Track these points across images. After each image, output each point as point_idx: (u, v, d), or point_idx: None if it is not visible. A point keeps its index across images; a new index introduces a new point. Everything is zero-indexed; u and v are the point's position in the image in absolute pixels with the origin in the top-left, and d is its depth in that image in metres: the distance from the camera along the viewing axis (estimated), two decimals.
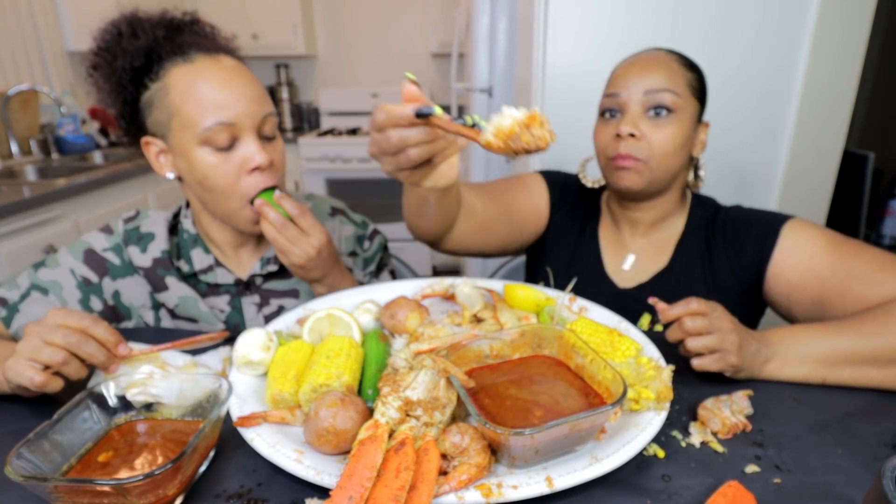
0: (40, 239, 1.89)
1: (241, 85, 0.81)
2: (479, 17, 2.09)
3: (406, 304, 0.74)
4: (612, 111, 0.91)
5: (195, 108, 0.79)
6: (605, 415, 0.51)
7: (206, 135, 0.79)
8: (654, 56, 0.91)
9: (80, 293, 0.89)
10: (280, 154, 0.88)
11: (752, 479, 0.53)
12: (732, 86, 1.44)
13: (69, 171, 2.33)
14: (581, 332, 0.69)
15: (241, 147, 0.82)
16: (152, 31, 0.81)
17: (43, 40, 2.69)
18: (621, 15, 1.40)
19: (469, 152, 2.40)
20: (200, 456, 0.52)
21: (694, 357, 0.67)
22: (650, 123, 0.87)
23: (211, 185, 0.82)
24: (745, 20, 1.38)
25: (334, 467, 0.51)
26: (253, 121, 0.82)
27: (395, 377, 0.57)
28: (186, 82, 0.79)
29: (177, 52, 0.81)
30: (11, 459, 0.46)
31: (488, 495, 0.47)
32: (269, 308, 0.98)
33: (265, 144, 0.85)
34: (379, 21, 3.78)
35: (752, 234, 0.90)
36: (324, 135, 3.48)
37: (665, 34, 1.40)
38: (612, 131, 0.90)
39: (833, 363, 0.69)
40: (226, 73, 0.81)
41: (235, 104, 0.80)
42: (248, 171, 0.82)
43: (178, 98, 0.79)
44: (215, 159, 0.81)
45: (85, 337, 0.63)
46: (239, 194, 0.83)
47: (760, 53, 1.41)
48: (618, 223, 1.03)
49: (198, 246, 0.94)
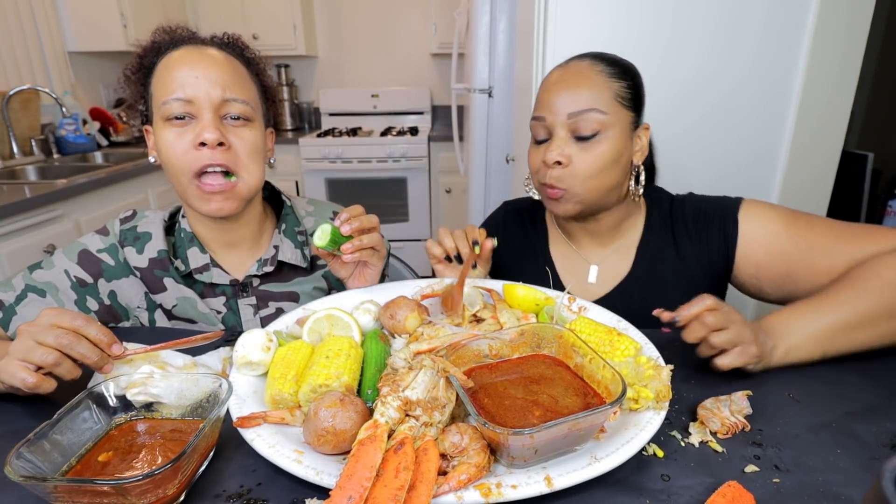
0: (41, 239, 1.89)
1: (208, 68, 0.83)
2: (479, 17, 2.09)
3: (406, 304, 0.74)
4: (539, 139, 0.89)
5: (163, 86, 0.83)
6: (604, 414, 0.51)
7: (164, 109, 0.82)
8: (577, 70, 0.86)
9: (76, 294, 0.89)
10: (246, 142, 0.86)
11: (752, 479, 0.53)
12: (732, 86, 1.44)
13: (70, 172, 2.33)
14: (580, 332, 0.69)
15: (195, 124, 0.83)
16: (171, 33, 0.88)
17: (44, 40, 2.69)
18: (621, 15, 1.40)
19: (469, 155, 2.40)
20: (200, 456, 0.53)
21: (717, 356, 0.68)
22: (577, 147, 0.85)
23: (164, 158, 0.85)
24: (746, 20, 1.38)
25: (334, 467, 0.51)
26: (210, 99, 0.83)
27: (395, 377, 0.57)
28: (165, 67, 0.84)
29: (172, 45, 0.86)
30: (11, 459, 0.46)
31: (487, 495, 0.47)
32: (266, 310, 0.97)
33: (228, 126, 0.85)
34: (379, 21, 3.78)
35: (714, 226, 0.92)
36: (324, 135, 3.48)
37: (665, 34, 1.40)
38: (542, 157, 0.87)
39: (826, 337, 0.73)
40: (200, 58, 0.84)
41: (195, 83, 0.82)
42: (195, 147, 0.82)
43: (156, 81, 0.85)
44: (172, 135, 0.83)
45: (77, 337, 0.62)
46: (185, 168, 0.83)
47: (760, 54, 1.41)
48: (573, 237, 1.01)
49: (194, 245, 0.94)
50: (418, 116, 3.92)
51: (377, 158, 3.38)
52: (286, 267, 0.99)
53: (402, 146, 3.35)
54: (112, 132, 3.08)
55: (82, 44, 2.88)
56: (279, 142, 3.39)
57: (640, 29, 1.41)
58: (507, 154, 2.10)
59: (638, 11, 1.39)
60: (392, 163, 3.38)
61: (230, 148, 0.84)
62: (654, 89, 0.87)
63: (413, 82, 3.92)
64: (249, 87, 0.88)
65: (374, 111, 3.89)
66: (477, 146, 2.29)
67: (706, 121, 1.47)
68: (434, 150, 3.44)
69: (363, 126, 3.85)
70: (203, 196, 0.85)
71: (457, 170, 2.91)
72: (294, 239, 1.00)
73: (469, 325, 0.75)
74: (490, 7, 2.07)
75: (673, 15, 1.39)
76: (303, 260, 0.99)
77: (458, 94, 2.64)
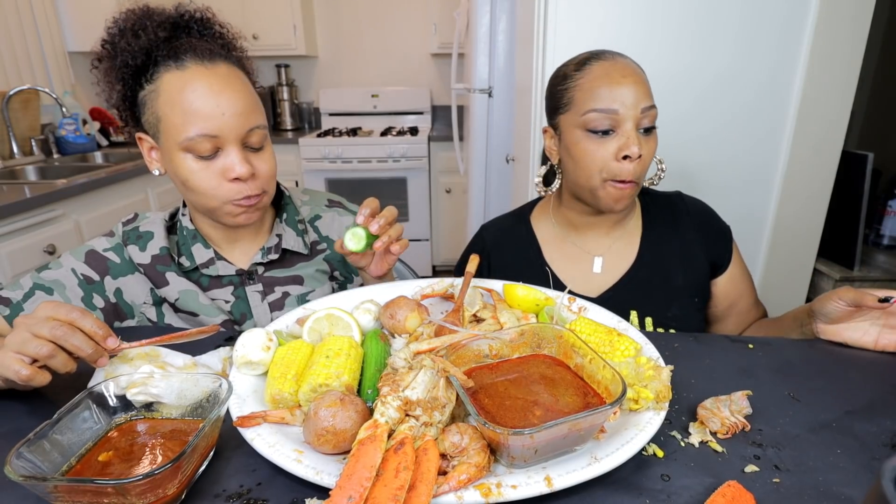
0: (41, 239, 1.89)
1: (228, 97, 0.81)
2: (479, 17, 2.09)
3: (406, 304, 0.74)
4: (602, 130, 0.85)
5: (180, 116, 0.79)
6: (604, 414, 0.51)
7: (188, 143, 0.80)
8: (631, 68, 0.87)
9: (83, 291, 0.90)
10: (266, 163, 0.88)
11: (752, 479, 0.53)
12: (732, 86, 1.44)
13: (70, 172, 2.33)
14: (580, 332, 0.69)
15: (224, 157, 0.83)
16: (154, 32, 0.81)
17: (43, 40, 2.69)
18: (621, 15, 1.40)
19: (469, 155, 2.40)
20: (200, 456, 0.53)
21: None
22: (642, 140, 0.86)
23: (192, 186, 0.84)
24: (745, 21, 1.39)
25: (333, 467, 0.51)
26: (237, 133, 0.82)
27: (395, 377, 0.57)
28: (175, 90, 0.80)
29: (171, 57, 0.81)
30: (11, 459, 0.46)
31: (487, 495, 0.47)
32: (273, 295, 0.99)
33: (251, 154, 0.85)
34: (379, 21, 3.78)
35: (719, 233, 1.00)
36: (324, 135, 3.48)
37: (665, 34, 1.41)
38: (611, 150, 0.85)
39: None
40: (215, 83, 0.80)
41: (220, 116, 0.80)
42: (228, 180, 0.83)
43: (165, 105, 0.80)
44: (197, 165, 0.82)
45: (72, 329, 0.62)
46: (219, 198, 0.85)
47: (760, 54, 1.41)
48: (577, 231, 1.01)
49: (198, 241, 0.96)
50: (418, 116, 3.92)
51: (377, 158, 3.38)
52: (288, 253, 1.01)
53: (402, 146, 3.35)
54: (112, 132, 3.08)
55: (82, 44, 2.88)
56: (279, 142, 3.39)
57: (639, 29, 1.41)
58: (507, 154, 2.10)
59: (637, 12, 1.40)
60: (392, 163, 3.38)
61: (256, 175, 0.86)
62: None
63: (413, 82, 3.92)
64: (259, 104, 0.88)
65: (374, 111, 3.89)
66: (477, 146, 2.29)
67: (705, 121, 1.47)
68: (434, 150, 3.44)
69: (363, 126, 3.85)
70: (233, 215, 0.87)
71: (457, 170, 2.91)
72: (295, 227, 1.02)
73: (469, 326, 0.75)
74: (490, 7, 2.07)
75: (671, 16, 1.39)
76: (304, 247, 1.02)
77: (458, 94, 2.64)
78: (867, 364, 0.75)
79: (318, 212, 1.07)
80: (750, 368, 0.74)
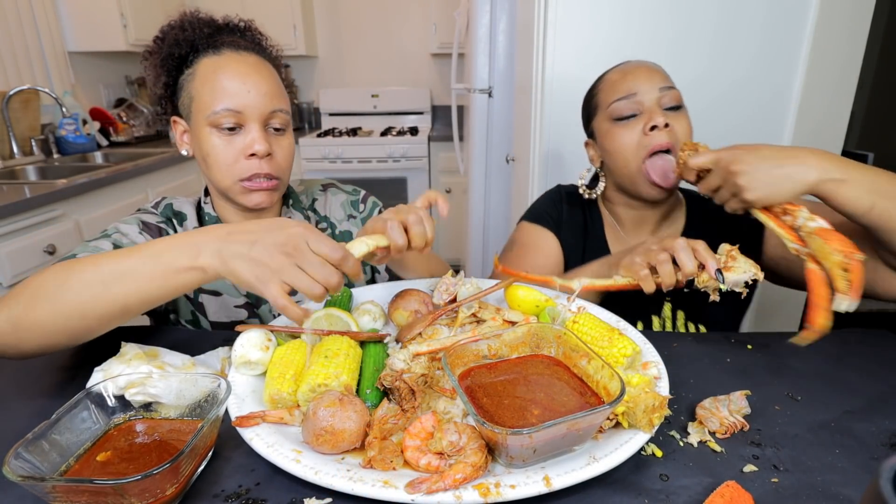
0: (41, 239, 1.89)
1: (255, 79, 0.87)
2: (479, 17, 2.09)
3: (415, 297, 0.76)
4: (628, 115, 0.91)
5: (210, 93, 0.86)
6: (602, 414, 0.51)
7: (214, 118, 0.86)
8: (645, 62, 0.94)
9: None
10: (285, 150, 0.92)
11: (750, 479, 0.53)
12: (732, 86, 1.44)
13: (70, 172, 2.33)
14: (582, 324, 0.69)
15: (245, 134, 0.88)
16: (200, 28, 0.90)
17: (44, 40, 2.69)
18: (621, 16, 1.40)
19: (469, 155, 2.40)
20: (199, 456, 0.53)
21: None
22: (670, 116, 0.89)
23: (211, 162, 0.88)
24: (745, 21, 1.38)
25: (332, 467, 0.51)
26: (260, 112, 0.87)
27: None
28: (210, 71, 0.87)
29: (211, 46, 0.89)
30: (9, 459, 0.46)
31: (486, 495, 0.47)
32: None
33: (271, 136, 0.90)
34: (379, 21, 3.78)
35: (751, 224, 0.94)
36: (324, 135, 3.48)
37: (665, 34, 1.40)
38: (638, 130, 0.90)
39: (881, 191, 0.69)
40: (244, 67, 0.88)
41: (245, 94, 0.86)
42: (245, 156, 0.87)
43: (199, 84, 0.87)
44: (220, 140, 0.87)
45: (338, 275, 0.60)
46: (233, 175, 0.88)
47: (760, 54, 1.41)
48: (623, 226, 1.03)
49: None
50: (418, 116, 3.91)
51: (377, 158, 3.38)
52: None
53: (402, 146, 3.35)
54: (112, 132, 3.08)
55: (82, 44, 2.88)
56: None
57: (639, 29, 1.41)
58: (507, 154, 2.10)
59: (637, 12, 1.39)
60: (392, 163, 3.38)
61: (273, 156, 0.90)
62: None
63: (413, 82, 3.92)
64: (284, 94, 0.93)
65: (374, 111, 3.89)
66: (477, 146, 2.29)
67: (706, 120, 1.47)
68: (434, 150, 3.44)
69: (363, 126, 3.85)
70: (246, 192, 0.90)
71: (457, 170, 2.91)
72: (301, 211, 1.07)
73: (469, 326, 0.75)
74: (490, 7, 2.07)
75: (672, 15, 1.39)
76: None
77: (458, 94, 2.64)
78: (866, 364, 0.75)
79: (314, 196, 1.13)
80: (749, 368, 0.74)
